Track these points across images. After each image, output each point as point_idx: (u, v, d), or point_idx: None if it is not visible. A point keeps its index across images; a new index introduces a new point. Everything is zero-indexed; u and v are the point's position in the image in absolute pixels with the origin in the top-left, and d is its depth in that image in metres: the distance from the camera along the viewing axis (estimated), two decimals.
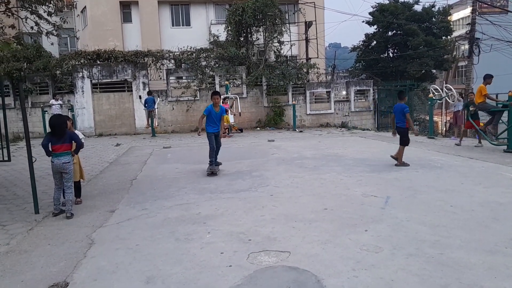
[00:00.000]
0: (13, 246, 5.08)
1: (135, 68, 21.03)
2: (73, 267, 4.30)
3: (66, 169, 6.26)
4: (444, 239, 4.74)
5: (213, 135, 9.56)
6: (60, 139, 6.24)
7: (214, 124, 9.49)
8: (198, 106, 21.35)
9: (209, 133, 9.57)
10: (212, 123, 9.48)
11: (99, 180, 9.18)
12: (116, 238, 5.22)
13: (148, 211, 6.46)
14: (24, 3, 10.19)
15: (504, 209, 5.96)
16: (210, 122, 9.48)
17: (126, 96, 21.23)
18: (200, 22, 31.24)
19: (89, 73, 20.69)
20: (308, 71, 23.64)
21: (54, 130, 6.21)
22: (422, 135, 17.29)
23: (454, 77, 47.98)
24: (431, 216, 5.68)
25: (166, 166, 10.46)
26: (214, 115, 9.44)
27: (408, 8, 39.65)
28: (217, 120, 9.48)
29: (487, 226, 5.22)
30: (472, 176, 8.41)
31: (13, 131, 18.97)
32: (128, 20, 30.93)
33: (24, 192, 8.03)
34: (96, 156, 13.03)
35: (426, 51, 36.80)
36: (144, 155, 12.83)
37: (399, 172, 8.89)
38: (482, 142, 13.02)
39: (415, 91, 24.72)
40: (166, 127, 21.51)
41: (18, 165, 11.24)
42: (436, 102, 18.61)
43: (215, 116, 9.44)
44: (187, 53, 22.14)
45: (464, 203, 6.32)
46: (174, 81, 21.93)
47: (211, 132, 9.55)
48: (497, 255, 4.26)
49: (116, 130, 21.13)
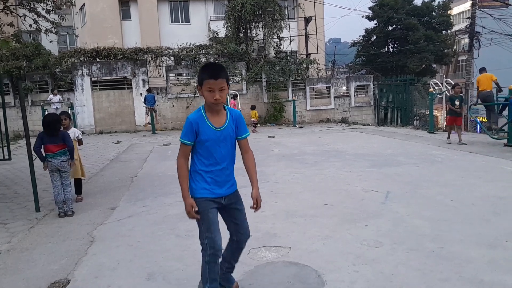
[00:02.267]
0: (15, 244, 5.09)
1: (135, 65, 21.00)
2: (74, 265, 4.31)
3: (65, 167, 6.25)
4: (444, 234, 4.74)
5: (225, 208, 3.21)
6: (54, 138, 6.15)
7: (220, 174, 3.12)
8: (198, 103, 21.31)
9: (209, 202, 3.10)
10: (214, 165, 3.10)
11: (99, 177, 9.18)
12: (117, 235, 5.23)
13: (148, 208, 6.47)
14: (23, 1, 10.18)
15: (505, 203, 5.96)
16: (207, 162, 3.09)
17: (126, 93, 21.22)
18: (199, 18, 31.22)
19: (89, 71, 20.67)
20: (308, 66, 23.61)
21: (47, 128, 6.15)
22: (423, 130, 17.27)
23: (454, 72, 47.92)
24: (431, 211, 5.68)
25: (167, 163, 10.46)
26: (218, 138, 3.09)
27: (408, 2, 39.59)
28: (229, 157, 3.17)
29: (488, 220, 5.22)
30: (472, 170, 8.40)
31: (13, 130, 18.97)
32: (127, 17, 30.92)
33: (25, 190, 8.03)
34: (96, 154, 13.03)
35: (426, 46, 36.78)
36: (145, 153, 12.83)
37: (399, 167, 8.88)
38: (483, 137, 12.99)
39: (415, 85, 24.72)
40: (166, 124, 21.50)
41: (19, 163, 11.25)
42: (436, 96, 18.58)
43: (223, 140, 3.11)
44: (186, 50, 22.11)
45: (464, 197, 6.32)
46: (173, 78, 21.93)
47: (215, 198, 3.12)
48: (497, 249, 4.26)
49: (116, 128, 21.12)
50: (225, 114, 3.07)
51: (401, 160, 9.68)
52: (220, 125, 3.02)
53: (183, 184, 3.02)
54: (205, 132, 2.97)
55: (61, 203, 6.22)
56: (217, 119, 3.02)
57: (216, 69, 2.92)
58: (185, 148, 3.04)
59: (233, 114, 3.13)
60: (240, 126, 3.13)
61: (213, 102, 2.90)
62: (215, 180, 3.05)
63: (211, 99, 2.90)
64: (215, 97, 2.89)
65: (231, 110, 3.15)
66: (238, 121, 3.13)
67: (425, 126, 18.93)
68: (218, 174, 3.05)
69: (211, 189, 3.04)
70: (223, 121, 3.04)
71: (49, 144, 6.14)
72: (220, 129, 3.01)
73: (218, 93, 2.89)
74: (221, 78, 2.89)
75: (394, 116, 23.83)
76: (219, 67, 2.94)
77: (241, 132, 3.14)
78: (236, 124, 3.10)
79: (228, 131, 3.05)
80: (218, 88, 2.89)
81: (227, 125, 3.04)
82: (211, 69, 2.91)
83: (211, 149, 3.01)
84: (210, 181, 3.04)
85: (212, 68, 2.93)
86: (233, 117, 3.10)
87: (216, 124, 3.00)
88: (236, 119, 3.11)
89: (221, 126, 3.02)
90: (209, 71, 2.90)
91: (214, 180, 3.05)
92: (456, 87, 13.24)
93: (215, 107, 2.98)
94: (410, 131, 16.85)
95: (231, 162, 3.14)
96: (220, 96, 2.90)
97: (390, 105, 24.38)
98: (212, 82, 2.86)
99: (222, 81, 2.89)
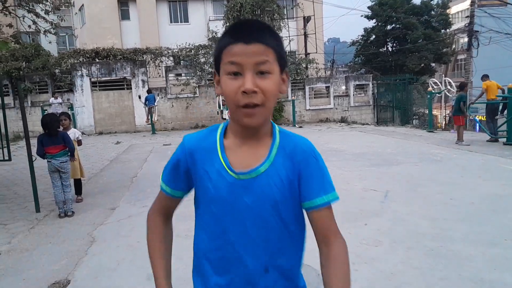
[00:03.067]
0: (15, 244, 5.09)
1: (134, 65, 21.01)
2: (74, 265, 4.32)
3: (64, 168, 6.26)
4: (444, 232, 4.75)
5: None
6: (53, 139, 6.16)
7: (243, 278, 1.36)
8: (197, 103, 21.37)
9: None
10: (228, 257, 1.37)
11: (99, 178, 9.19)
12: (117, 235, 5.24)
13: (148, 208, 6.44)
14: (21, 2, 10.18)
15: (504, 201, 5.97)
16: (213, 245, 1.41)
17: (126, 94, 21.23)
18: (199, 18, 31.19)
19: (88, 72, 20.67)
20: (307, 66, 23.64)
21: (46, 129, 6.16)
22: (422, 129, 17.29)
23: (453, 70, 47.90)
24: (431, 210, 5.69)
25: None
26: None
27: (407, 1, 39.58)
28: (269, 246, 1.36)
29: (487, 218, 5.23)
30: (471, 169, 8.41)
31: (13, 131, 18.95)
32: (126, 18, 30.89)
33: (25, 191, 8.03)
34: (96, 154, 13.04)
35: (425, 45, 36.76)
36: (144, 153, 12.84)
37: (399, 166, 8.89)
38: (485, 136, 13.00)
39: (414, 85, 24.73)
40: (166, 124, 21.51)
41: (19, 164, 11.25)
42: (435, 95, 18.60)
43: (252, 208, 1.32)
44: (185, 50, 22.14)
45: (464, 196, 6.33)
46: (173, 78, 21.96)
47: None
48: (497, 247, 4.27)
49: (116, 128, 21.13)
50: (267, 144, 1.36)
51: (401, 159, 9.69)
52: (247, 167, 1.33)
53: (153, 260, 1.60)
54: (211, 182, 1.35)
55: (61, 203, 6.22)
56: (245, 153, 1.34)
57: (250, 25, 1.27)
58: (162, 196, 1.57)
59: (290, 145, 1.36)
60: (309, 177, 1.35)
61: (241, 103, 1.23)
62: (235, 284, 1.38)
63: (235, 94, 1.24)
64: (244, 87, 1.21)
65: (287, 137, 1.39)
66: (304, 164, 1.35)
67: (424, 125, 18.95)
68: (238, 274, 1.37)
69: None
70: (259, 158, 1.34)
71: (49, 146, 6.14)
72: (245, 176, 1.32)
73: (252, 79, 1.22)
74: (260, 44, 1.23)
75: (393, 115, 23.84)
76: (257, 24, 1.28)
77: (313, 192, 1.36)
78: (297, 172, 1.34)
79: (268, 184, 1.32)
80: (253, 65, 1.22)
81: (268, 170, 1.32)
82: (241, 26, 1.27)
83: (223, 220, 1.36)
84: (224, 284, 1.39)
85: (242, 24, 1.28)
86: (287, 152, 1.35)
87: (238, 164, 1.33)
88: (296, 158, 1.35)
89: (249, 170, 1.32)
90: (235, 29, 1.27)
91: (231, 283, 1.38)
92: (466, 86, 13.10)
93: (247, 121, 1.26)
94: (409, 130, 16.86)
95: (275, 258, 1.38)
96: (260, 87, 1.22)
97: (389, 105, 24.39)
98: (238, 49, 1.22)
99: (262, 49, 1.23)
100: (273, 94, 1.25)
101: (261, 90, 1.22)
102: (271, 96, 1.25)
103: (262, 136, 1.34)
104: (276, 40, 1.29)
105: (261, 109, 1.24)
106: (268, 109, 1.27)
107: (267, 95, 1.23)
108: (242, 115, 1.24)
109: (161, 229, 1.62)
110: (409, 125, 20.85)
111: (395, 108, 23.75)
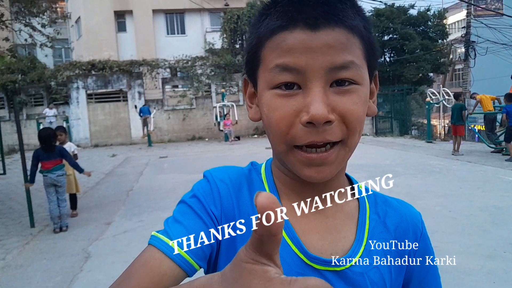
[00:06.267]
0: (9, 261, 5.02)
1: (130, 77, 21.00)
2: (69, 282, 4.25)
3: (60, 182, 6.20)
4: (442, 245, 4.70)
5: None
6: (50, 154, 6.10)
7: None
8: (194, 114, 21.33)
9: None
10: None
11: (95, 192, 9.12)
12: (113, 251, 5.17)
13: (144, 223, 6.40)
14: (18, 16, 10.18)
15: (503, 213, 5.93)
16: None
17: (122, 106, 21.19)
18: (195, 30, 31.25)
19: (84, 84, 20.65)
20: None
21: (43, 143, 6.11)
22: (421, 139, 17.27)
23: (451, 80, 48.13)
24: (429, 222, 5.63)
25: (163, 177, 10.39)
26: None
27: (403, 12, 39.82)
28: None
29: (486, 230, 5.18)
30: (470, 180, 8.38)
31: (8, 144, 18.84)
32: (122, 30, 30.92)
33: (19, 205, 7.95)
34: (92, 167, 12.91)
35: (422, 55, 36.89)
36: (141, 166, 12.77)
37: (397, 178, 8.85)
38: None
39: (412, 95, 24.78)
40: (162, 136, 21.44)
41: (13, 178, 11.16)
42: (433, 105, 18.62)
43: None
44: (182, 62, 22.14)
45: (463, 207, 6.29)
46: (169, 90, 21.92)
47: None
48: (496, 260, 4.22)
49: (112, 141, 21.04)
50: (346, 210, 0.85)
51: (399, 171, 9.65)
52: (323, 251, 0.75)
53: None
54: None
55: (56, 218, 6.16)
56: (320, 223, 0.78)
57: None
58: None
59: (392, 219, 0.90)
60: (423, 283, 0.89)
61: (302, 141, 0.68)
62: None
63: (290, 124, 0.68)
64: (311, 113, 0.65)
65: (381, 201, 0.94)
66: (419, 256, 0.87)
67: (423, 136, 18.94)
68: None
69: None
70: (339, 237, 0.78)
71: (45, 161, 6.09)
72: (324, 266, 0.73)
73: (324, 97, 0.66)
74: (339, 28, 0.66)
75: (392, 125, 23.86)
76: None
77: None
78: (404, 268, 0.85)
79: (371, 280, 0.76)
80: (326, 70, 0.66)
81: (360, 261, 0.76)
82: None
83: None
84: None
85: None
86: (389, 229, 0.86)
87: (312, 247, 0.75)
88: (405, 244, 0.84)
89: (328, 259, 0.74)
90: (290, 1, 0.67)
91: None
92: (461, 97, 13.26)
93: (312, 174, 0.70)
94: (408, 141, 16.86)
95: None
96: (339, 111, 0.67)
97: (387, 115, 24.41)
98: (298, 41, 0.65)
99: (344, 40, 0.66)
100: (360, 122, 0.71)
101: (341, 117, 0.68)
102: (358, 124, 0.70)
103: (334, 193, 0.77)
104: (364, 21, 0.72)
105: (339, 151, 0.71)
106: (351, 150, 0.74)
107: (351, 125, 0.69)
108: (304, 163, 0.70)
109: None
110: (408, 135, 20.84)
111: (394, 118, 23.77)
